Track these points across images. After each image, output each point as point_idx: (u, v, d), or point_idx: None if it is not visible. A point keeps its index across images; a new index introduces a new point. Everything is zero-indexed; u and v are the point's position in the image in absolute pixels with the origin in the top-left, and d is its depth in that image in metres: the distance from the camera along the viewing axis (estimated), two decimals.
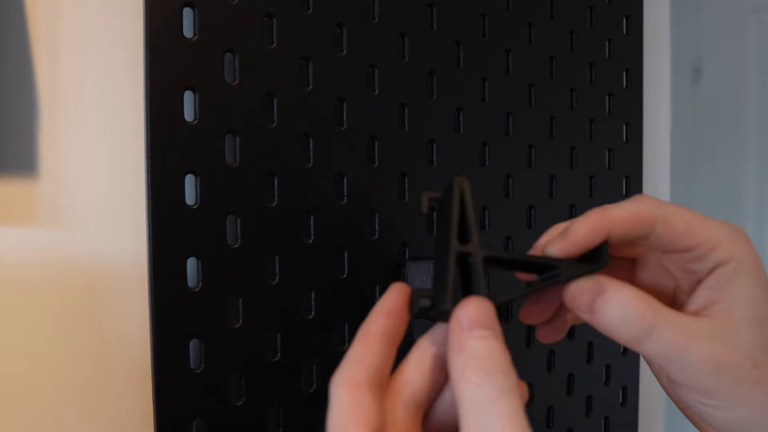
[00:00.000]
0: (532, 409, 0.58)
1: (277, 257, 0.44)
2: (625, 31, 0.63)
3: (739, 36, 1.75)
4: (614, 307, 0.30)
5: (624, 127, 0.64)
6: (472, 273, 0.31)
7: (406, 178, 0.50)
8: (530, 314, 0.34)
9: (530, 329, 0.57)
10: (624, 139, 0.64)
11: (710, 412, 0.30)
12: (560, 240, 0.31)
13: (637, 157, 0.65)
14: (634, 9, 0.64)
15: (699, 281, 0.31)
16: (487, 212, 0.54)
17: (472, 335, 0.27)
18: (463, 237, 0.31)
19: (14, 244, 0.39)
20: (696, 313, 0.31)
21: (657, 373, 0.34)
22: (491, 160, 0.54)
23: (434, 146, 0.51)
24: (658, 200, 0.32)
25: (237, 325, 0.43)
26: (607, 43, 0.62)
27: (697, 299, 0.31)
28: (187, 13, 0.41)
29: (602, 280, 0.31)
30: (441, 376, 0.30)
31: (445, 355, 0.30)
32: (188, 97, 0.41)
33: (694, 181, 1.81)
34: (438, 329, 0.31)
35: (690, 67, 1.85)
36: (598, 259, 0.31)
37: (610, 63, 0.62)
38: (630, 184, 0.64)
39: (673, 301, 0.33)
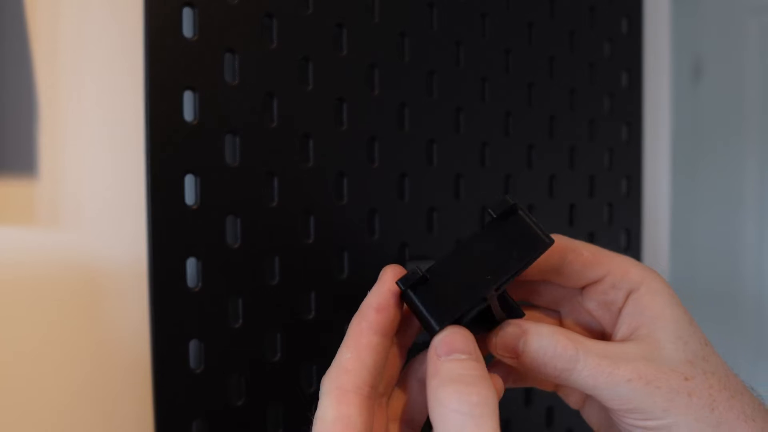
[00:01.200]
0: (532, 409, 0.58)
1: (277, 257, 0.44)
2: (625, 31, 0.63)
3: (739, 36, 1.75)
4: (535, 345, 0.31)
5: (624, 127, 0.64)
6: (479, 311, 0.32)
7: (406, 178, 0.50)
8: None
9: None
10: (624, 139, 0.64)
11: None
12: None
13: (637, 157, 0.65)
14: (634, 9, 0.64)
15: (619, 312, 0.33)
16: (486, 212, 0.54)
17: (448, 359, 0.28)
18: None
19: (13, 244, 0.39)
20: (625, 339, 0.32)
21: (593, 420, 0.36)
22: (491, 160, 0.54)
23: (434, 146, 0.51)
24: (568, 237, 0.35)
25: (237, 325, 0.43)
26: (607, 43, 0.62)
27: (621, 328, 0.33)
28: (187, 13, 0.41)
29: (522, 324, 0.32)
30: None
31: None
32: (188, 97, 0.41)
33: (694, 181, 1.81)
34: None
35: (690, 67, 1.85)
36: (516, 312, 0.33)
37: (610, 63, 0.62)
38: (630, 184, 0.64)
39: (602, 339, 0.34)
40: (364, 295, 0.47)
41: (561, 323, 0.36)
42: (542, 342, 0.31)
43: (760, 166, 1.74)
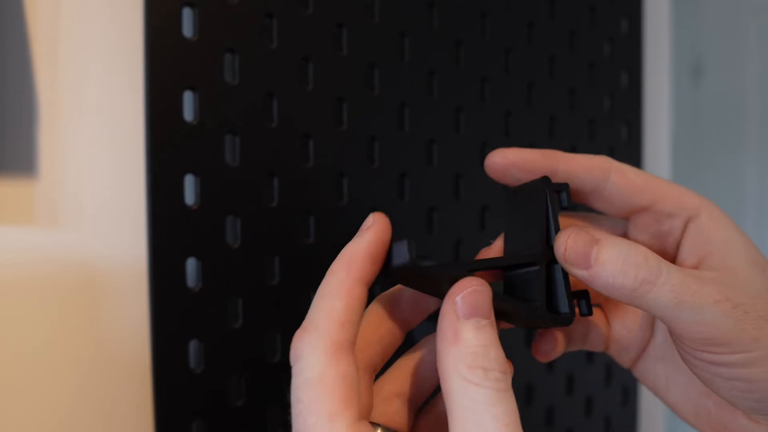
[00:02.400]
0: (532, 409, 0.58)
1: (277, 257, 0.44)
2: (625, 31, 0.63)
3: (739, 36, 1.75)
4: (614, 251, 0.26)
5: (624, 127, 0.64)
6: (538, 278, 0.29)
7: (406, 178, 0.50)
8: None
9: (529, 329, 0.57)
10: (624, 139, 0.64)
11: (731, 373, 0.26)
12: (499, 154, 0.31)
13: (637, 157, 0.65)
14: (634, 9, 0.64)
15: (678, 244, 0.29)
16: (486, 212, 0.54)
17: (469, 323, 0.24)
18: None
19: (13, 244, 0.39)
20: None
21: (649, 375, 0.32)
22: None
23: (434, 146, 0.51)
24: (615, 162, 0.30)
25: (237, 325, 0.43)
26: (607, 43, 0.62)
27: (687, 258, 0.29)
28: (187, 13, 0.41)
29: (591, 229, 0.27)
30: (400, 338, 0.29)
31: (407, 315, 0.28)
32: (188, 97, 0.41)
33: (694, 181, 1.81)
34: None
35: (690, 67, 1.85)
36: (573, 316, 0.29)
37: (610, 63, 0.62)
38: None
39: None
40: None
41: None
42: (620, 247, 0.26)
43: (760, 166, 1.74)
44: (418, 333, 0.31)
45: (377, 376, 0.29)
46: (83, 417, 0.41)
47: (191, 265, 0.41)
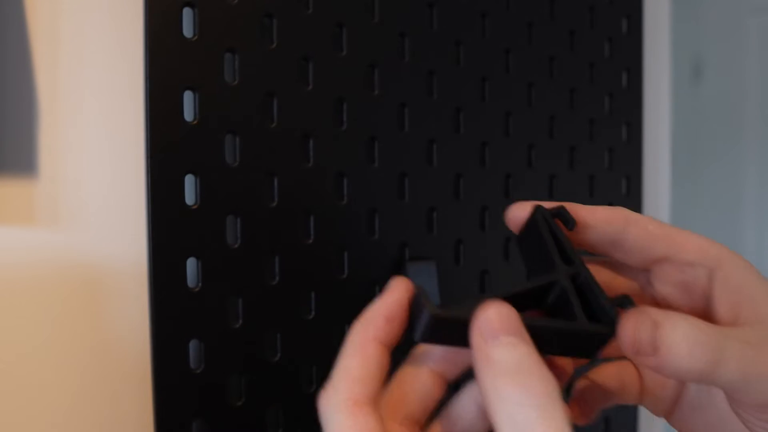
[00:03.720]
0: None
1: (277, 257, 0.44)
2: (625, 31, 0.63)
3: (739, 36, 1.75)
4: (679, 336, 0.25)
5: (624, 127, 0.64)
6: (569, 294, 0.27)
7: (406, 178, 0.50)
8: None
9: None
10: (624, 139, 0.64)
11: None
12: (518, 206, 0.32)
13: (637, 157, 0.65)
14: (634, 9, 0.64)
15: (705, 296, 0.28)
16: (486, 213, 0.54)
17: (498, 343, 0.24)
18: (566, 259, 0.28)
19: (13, 244, 0.39)
20: (733, 325, 0.27)
21: (687, 426, 0.31)
22: (491, 160, 0.54)
23: (434, 146, 0.51)
24: (634, 213, 0.29)
25: (237, 325, 0.43)
26: (607, 43, 0.62)
27: (723, 313, 0.27)
28: (187, 13, 0.41)
29: (650, 312, 0.26)
30: (439, 390, 0.28)
31: (440, 368, 0.28)
32: (188, 97, 0.41)
33: (694, 181, 1.81)
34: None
35: (690, 67, 1.85)
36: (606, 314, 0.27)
37: (610, 63, 0.62)
38: (630, 184, 0.64)
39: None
40: (364, 294, 0.48)
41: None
42: (684, 329, 0.25)
43: (760, 166, 1.74)
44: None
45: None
46: (83, 416, 0.41)
47: (191, 265, 0.41)
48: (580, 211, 0.30)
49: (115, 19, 0.41)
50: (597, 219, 0.30)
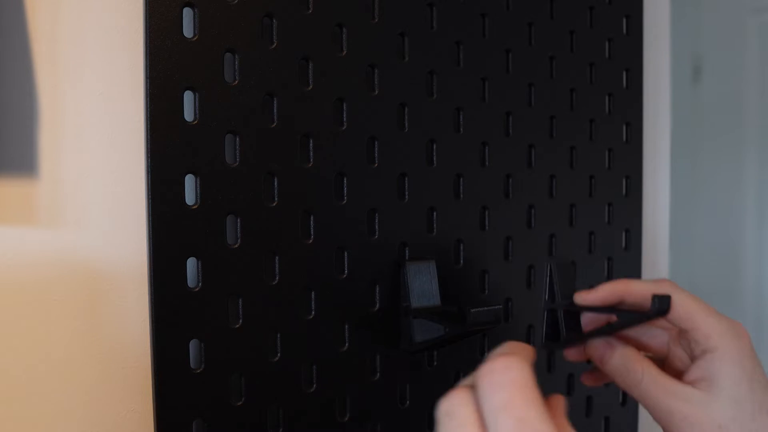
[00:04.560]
0: None
1: (277, 257, 0.44)
2: (625, 31, 0.63)
3: (739, 36, 1.75)
4: (616, 360, 0.42)
5: (624, 127, 0.64)
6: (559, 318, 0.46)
7: (406, 178, 0.50)
8: (572, 355, 0.46)
9: (529, 331, 0.57)
10: (624, 139, 0.64)
11: None
12: (587, 293, 0.45)
13: (637, 157, 0.65)
14: (634, 9, 0.64)
15: (694, 357, 0.41)
16: (486, 212, 0.54)
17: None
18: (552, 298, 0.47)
19: (13, 245, 0.39)
20: (690, 382, 0.41)
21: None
22: (491, 160, 0.54)
23: (434, 146, 0.51)
24: (676, 286, 0.42)
25: (237, 325, 0.43)
26: (607, 43, 0.62)
27: (692, 372, 0.41)
28: (187, 13, 0.41)
29: (613, 342, 0.43)
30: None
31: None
32: (188, 97, 0.41)
33: (694, 180, 1.81)
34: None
35: (690, 67, 1.85)
36: (664, 310, 0.40)
37: (610, 63, 0.62)
38: (630, 184, 0.64)
39: (680, 365, 0.44)
40: (364, 294, 0.48)
41: (657, 348, 0.46)
42: (620, 358, 0.42)
43: (760, 166, 1.74)
44: None
45: None
46: (84, 416, 0.41)
47: (191, 265, 0.41)
48: (631, 288, 0.44)
49: (115, 20, 0.41)
50: (639, 296, 0.43)
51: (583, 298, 0.46)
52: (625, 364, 0.42)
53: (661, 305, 0.39)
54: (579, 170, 0.60)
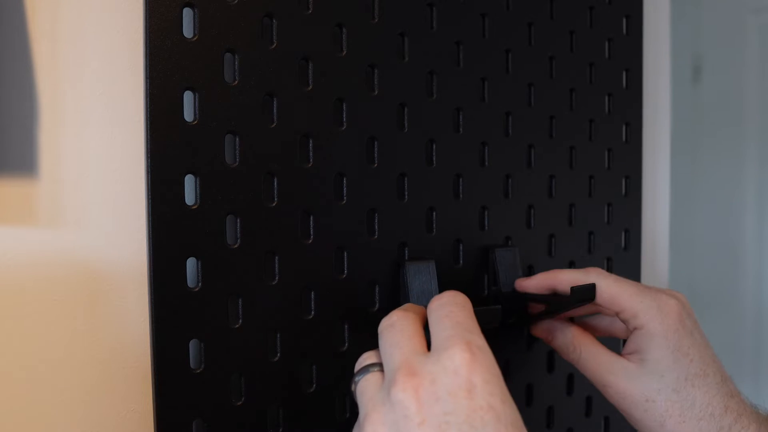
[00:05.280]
0: (532, 409, 0.58)
1: (277, 257, 0.44)
2: (625, 31, 0.63)
3: (739, 36, 1.75)
4: (558, 339, 0.49)
5: (624, 127, 0.64)
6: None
7: (406, 178, 0.50)
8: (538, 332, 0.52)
9: (530, 334, 0.57)
10: (624, 139, 0.64)
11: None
12: (524, 280, 0.51)
13: (637, 157, 0.65)
14: (634, 9, 0.64)
15: (630, 334, 0.46)
16: (486, 212, 0.54)
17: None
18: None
19: (13, 245, 0.39)
20: (626, 354, 0.46)
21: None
22: (491, 160, 0.54)
23: (434, 146, 0.51)
24: (602, 272, 0.47)
25: (237, 325, 0.43)
26: (606, 43, 0.62)
27: (627, 347, 0.46)
28: (187, 13, 0.41)
29: (555, 323, 0.50)
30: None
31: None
32: (188, 97, 0.41)
33: (694, 180, 1.81)
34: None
35: (690, 67, 1.85)
36: (591, 297, 0.45)
37: (610, 63, 0.62)
38: (630, 184, 0.64)
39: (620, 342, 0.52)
40: (364, 294, 0.48)
41: (604, 328, 0.53)
42: (562, 337, 0.49)
43: (760, 166, 1.74)
44: None
45: None
46: (84, 416, 0.41)
47: (191, 265, 0.41)
48: (560, 274, 0.50)
49: (115, 19, 0.41)
50: (566, 285, 0.49)
51: (520, 284, 0.51)
52: (566, 342, 0.48)
53: (582, 294, 0.45)
54: (578, 170, 0.60)
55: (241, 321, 0.43)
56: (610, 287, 0.45)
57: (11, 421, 0.39)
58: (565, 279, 0.48)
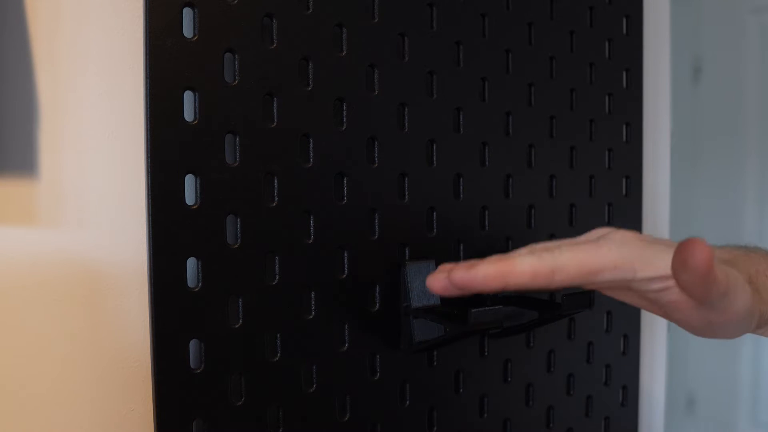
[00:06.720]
0: (532, 409, 0.58)
1: (277, 257, 0.44)
2: (625, 31, 0.63)
3: (739, 36, 1.75)
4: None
5: (624, 127, 0.64)
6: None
7: (406, 178, 0.50)
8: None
9: (530, 333, 0.57)
10: (624, 139, 0.64)
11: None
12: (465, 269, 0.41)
13: (637, 157, 0.65)
14: (634, 9, 0.64)
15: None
16: (486, 212, 0.54)
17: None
18: None
19: (14, 245, 0.39)
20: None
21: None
22: (491, 160, 0.54)
23: (434, 146, 0.51)
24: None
25: (237, 325, 0.43)
26: (607, 43, 0.62)
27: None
28: (187, 13, 0.41)
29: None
30: None
31: None
32: (188, 97, 0.41)
33: (694, 180, 1.81)
34: None
35: (690, 67, 1.85)
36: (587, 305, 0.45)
37: (610, 63, 0.62)
38: (630, 184, 0.64)
39: None
40: (364, 294, 0.48)
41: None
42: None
43: (760, 166, 1.74)
44: None
45: None
46: (84, 416, 0.41)
47: (191, 265, 0.41)
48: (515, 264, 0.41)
49: (116, 20, 0.41)
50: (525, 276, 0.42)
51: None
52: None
53: (577, 302, 0.45)
54: (579, 170, 0.60)
55: (241, 321, 0.43)
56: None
57: (12, 420, 0.39)
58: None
